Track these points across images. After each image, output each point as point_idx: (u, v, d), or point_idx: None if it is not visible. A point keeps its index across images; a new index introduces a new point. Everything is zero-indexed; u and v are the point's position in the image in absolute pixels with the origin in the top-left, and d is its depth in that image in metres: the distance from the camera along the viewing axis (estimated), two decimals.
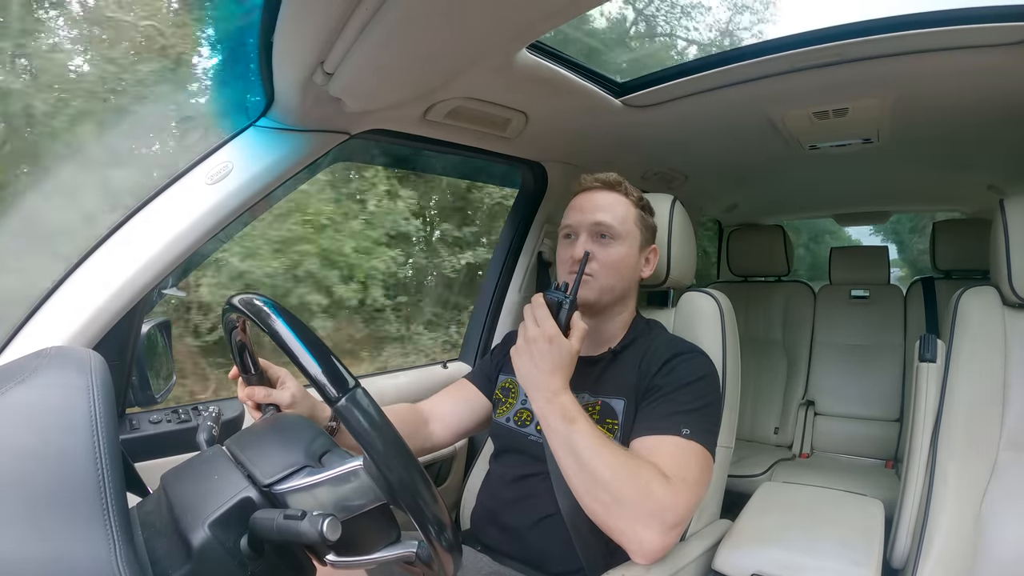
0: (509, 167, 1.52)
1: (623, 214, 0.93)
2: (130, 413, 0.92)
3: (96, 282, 0.82)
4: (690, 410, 0.81)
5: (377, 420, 0.48)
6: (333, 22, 0.69)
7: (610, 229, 0.92)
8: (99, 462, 0.40)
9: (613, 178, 0.96)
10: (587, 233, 0.92)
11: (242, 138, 0.93)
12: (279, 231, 3.06)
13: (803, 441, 2.19)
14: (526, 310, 0.81)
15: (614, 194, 0.95)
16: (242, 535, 0.46)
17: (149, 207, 0.88)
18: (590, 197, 0.95)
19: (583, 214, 0.93)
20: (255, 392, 0.74)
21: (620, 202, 0.94)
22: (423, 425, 1.00)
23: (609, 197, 0.95)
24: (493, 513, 0.94)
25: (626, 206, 0.94)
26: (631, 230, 0.94)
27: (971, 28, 0.92)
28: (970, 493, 0.97)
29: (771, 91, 1.17)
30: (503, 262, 1.57)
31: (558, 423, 0.75)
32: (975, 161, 1.70)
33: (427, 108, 1.04)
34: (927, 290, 2.19)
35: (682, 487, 0.74)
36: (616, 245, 0.92)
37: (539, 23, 0.80)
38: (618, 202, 0.94)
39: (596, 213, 0.92)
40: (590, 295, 0.91)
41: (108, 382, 0.45)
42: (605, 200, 0.94)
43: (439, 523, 0.48)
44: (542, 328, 0.78)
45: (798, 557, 0.89)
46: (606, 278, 0.91)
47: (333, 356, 0.50)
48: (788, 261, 2.39)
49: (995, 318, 1.05)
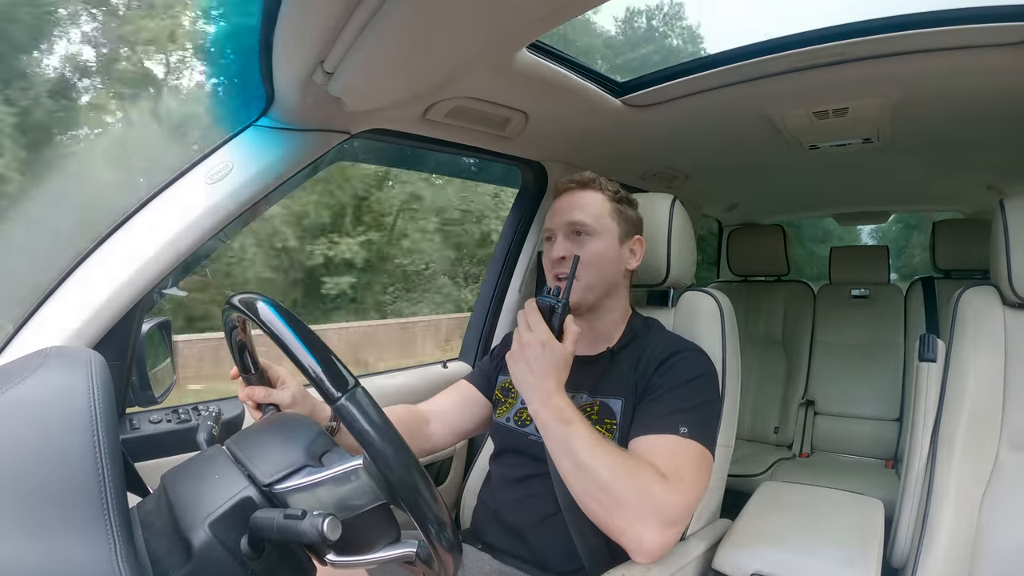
0: (509, 167, 1.52)
1: (598, 210, 0.94)
2: (130, 413, 0.92)
3: (96, 282, 0.82)
4: (688, 408, 0.81)
5: (377, 419, 0.48)
6: (333, 22, 0.69)
7: (584, 226, 0.92)
8: (99, 462, 0.40)
9: (587, 176, 0.97)
10: (563, 233, 0.93)
11: (242, 138, 0.93)
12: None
13: (803, 441, 2.19)
14: (519, 315, 0.81)
15: (588, 191, 0.96)
16: (242, 535, 0.45)
17: (149, 207, 0.87)
18: (566, 199, 0.96)
19: (558, 216, 0.95)
20: (255, 392, 0.74)
21: (594, 198, 0.95)
22: (423, 426, 1.00)
23: (584, 196, 0.95)
24: (494, 512, 0.94)
25: (600, 201, 0.95)
26: (607, 224, 0.94)
27: (971, 28, 0.92)
28: (970, 493, 0.97)
29: (771, 91, 1.17)
30: (503, 262, 1.57)
31: (554, 426, 0.75)
32: (975, 161, 1.70)
33: (427, 108, 1.03)
34: (927, 290, 2.19)
35: (680, 486, 0.74)
36: (592, 241, 0.92)
37: (539, 23, 0.80)
38: (592, 199, 0.95)
39: (569, 213, 0.93)
40: (574, 296, 0.91)
41: (108, 382, 0.45)
42: (579, 199, 0.95)
43: (439, 522, 0.48)
44: (535, 332, 0.78)
45: (798, 557, 0.89)
46: (585, 275, 0.91)
47: (333, 355, 0.50)
48: (788, 261, 2.39)
49: (995, 318, 1.05)
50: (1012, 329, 1.03)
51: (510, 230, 1.58)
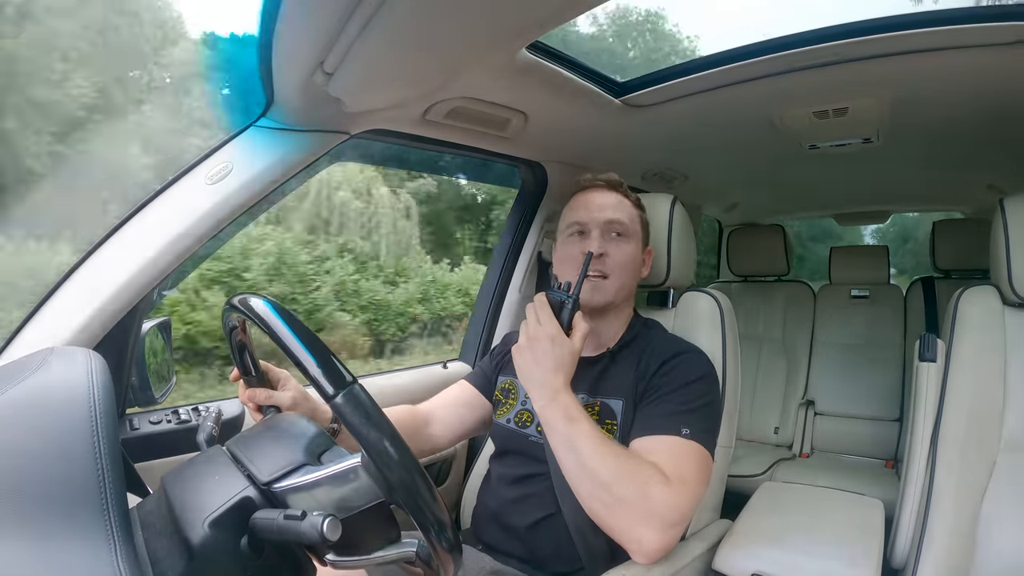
0: (509, 167, 1.52)
1: (629, 214, 0.95)
2: (130, 413, 0.92)
3: (96, 282, 0.82)
4: (689, 410, 0.81)
5: (375, 416, 0.48)
6: (333, 22, 0.69)
7: (623, 227, 0.93)
8: (99, 462, 0.40)
9: (615, 179, 0.98)
10: (600, 230, 0.93)
11: (242, 138, 0.93)
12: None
13: (803, 441, 2.19)
14: (528, 308, 0.81)
15: (617, 194, 0.96)
16: (242, 535, 0.45)
17: (149, 207, 0.87)
18: (595, 196, 0.95)
19: (594, 212, 0.94)
20: (256, 394, 0.74)
21: (624, 202, 0.96)
22: (423, 427, 1.00)
23: (614, 197, 0.96)
24: (494, 513, 0.94)
25: (630, 206, 0.96)
26: (636, 230, 0.96)
27: (969, 28, 0.92)
28: (970, 493, 0.97)
29: (771, 91, 1.17)
30: (503, 262, 1.57)
31: (559, 422, 0.75)
32: (974, 161, 1.70)
33: (427, 108, 1.03)
34: (927, 290, 2.19)
35: (681, 487, 0.74)
36: (628, 243, 0.93)
37: (539, 23, 0.80)
38: (623, 202, 0.96)
39: (608, 211, 0.93)
40: (606, 296, 0.91)
41: (108, 382, 0.45)
42: (611, 199, 0.95)
43: (439, 522, 0.48)
44: (544, 327, 0.78)
45: (798, 557, 0.89)
46: (620, 276, 0.92)
47: (331, 354, 0.50)
48: (788, 261, 2.39)
49: (995, 318, 1.05)
50: (1012, 329, 1.03)
51: (510, 230, 1.58)
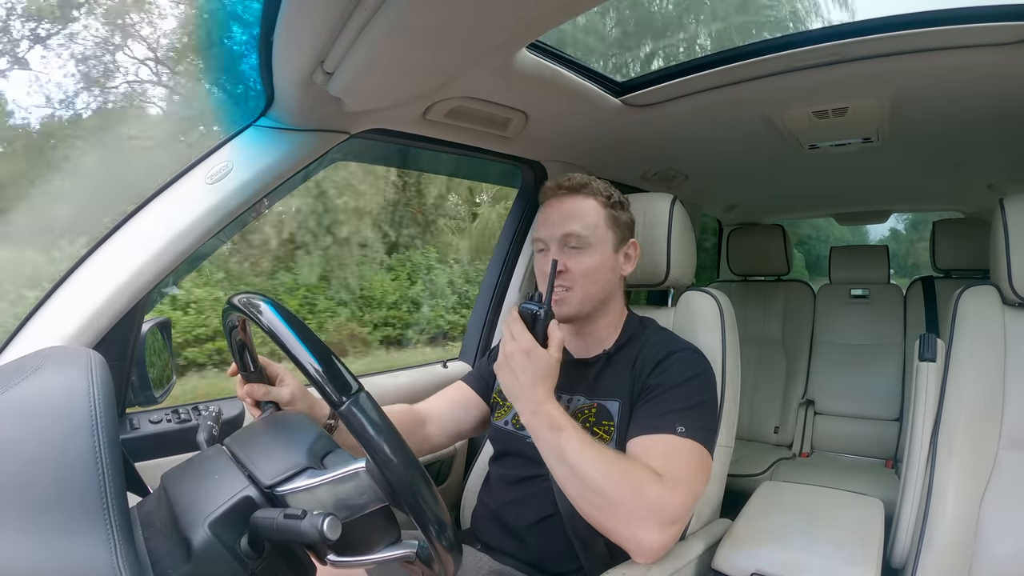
0: (509, 167, 1.52)
1: (593, 220, 0.90)
2: (130, 413, 0.92)
3: (96, 282, 0.82)
4: (685, 408, 0.81)
5: (381, 424, 0.48)
6: (333, 22, 0.69)
7: (580, 239, 0.89)
8: (99, 462, 0.40)
9: (578, 180, 0.92)
10: (557, 245, 0.90)
11: (242, 138, 0.93)
12: None
13: (803, 440, 2.19)
14: (504, 325, 0.81)
15: (580, 197, 0.91)
16: (242, 534, 0.46)
17: (149, 207, 0.88)
18: (558, 206, 0.92)
19: (551, 227, 0.91)
20: (254, 390, 0.74)
21: (588, 206, 0.91)
22: (420, 427, 1.00)
23: (577, 202, 0.91)
24: (494, 513, 0.94)
25: (595, 209, 0.91)
26: (602, 235, 0.91)
27: (969, 28, 0.92)
28: (970, 492, 0.97)
29: (770, 90, 1.17)
30: (503, 262, 1.57)
31: (546, 433, 0.75)
32: (975, 160, 1.70)
33: (427, 108, 1.03)
34: (927, 289, 2.19)
35: (677, 485, 0.74)
36: (588, 254, 0.89)
37: (539, 23, 0.80)
38: (586, 206, 0.91)
39: (564, 224, 0.90)
40: (570, 309, 0.90)
41: (108, 382, 0.45)
42: (573, 207, 0.91)
43: (440, 523, 0.48)
44: (519, 342, 0.77)
45: (798, 556, 0.89)
46: (583, 287, 0.89)
47: (335, 358, 0.50)
48: (788, 260, 2.39)
49: (995, 317, 1.05)
50: (1012, 329, 1.03)
51: (510, 230, 1.58)
